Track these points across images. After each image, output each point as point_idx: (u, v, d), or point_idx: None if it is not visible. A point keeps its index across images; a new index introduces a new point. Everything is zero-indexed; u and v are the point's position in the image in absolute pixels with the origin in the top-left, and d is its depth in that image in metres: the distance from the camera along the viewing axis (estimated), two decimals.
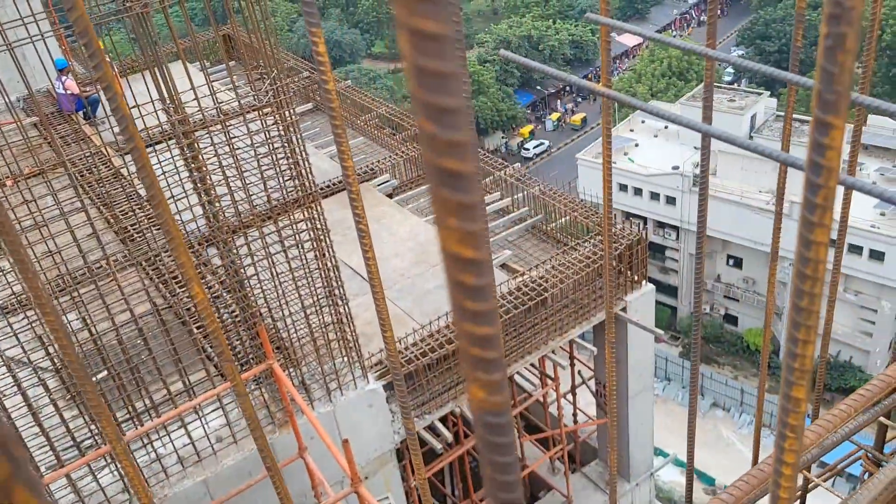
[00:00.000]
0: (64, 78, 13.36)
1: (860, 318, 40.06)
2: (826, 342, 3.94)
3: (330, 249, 7.92)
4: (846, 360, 40.79)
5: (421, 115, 0.37)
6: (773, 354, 43.73)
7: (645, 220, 43.79)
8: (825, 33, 0.62)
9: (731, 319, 45.66)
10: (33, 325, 6.73)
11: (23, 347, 6.59)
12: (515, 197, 13.11)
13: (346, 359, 8.59)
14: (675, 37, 71.03)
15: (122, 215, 10.26)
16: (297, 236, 7.64)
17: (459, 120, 0.37)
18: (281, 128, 7.25)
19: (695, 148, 40.15)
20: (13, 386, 6.46)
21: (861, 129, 3.86)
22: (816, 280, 0.73)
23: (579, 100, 72.57)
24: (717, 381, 40.90)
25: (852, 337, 40.43)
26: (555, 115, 70.17)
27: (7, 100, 6.46)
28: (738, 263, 43.77)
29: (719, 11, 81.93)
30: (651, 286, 11.41)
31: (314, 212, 7.66)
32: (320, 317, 8.09)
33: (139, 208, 10.24)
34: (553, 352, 10.98)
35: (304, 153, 7.47)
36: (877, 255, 36.88)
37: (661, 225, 45.10)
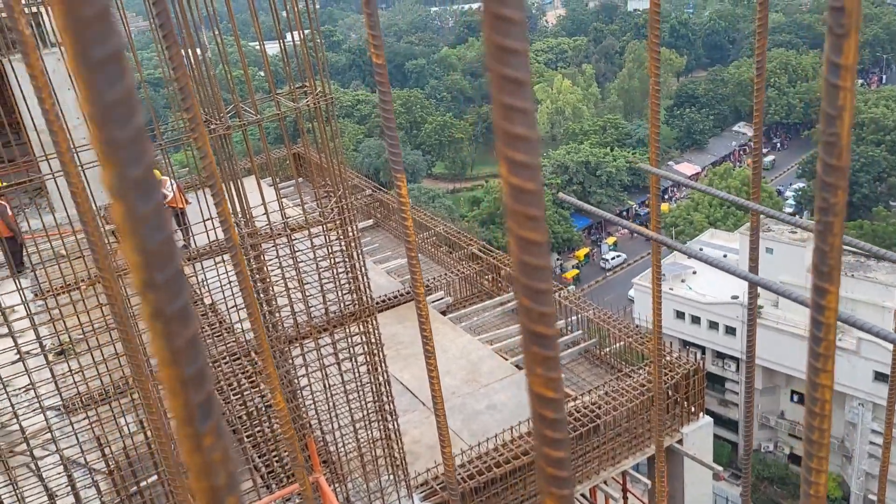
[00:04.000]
0: None
1: None
2: (883, 484, 3.77)
3: (383, 364, 7.99)
4: None
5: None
6: (843, 501, 41.01)
7: (703, 349, 42.71)
8: (817, 220, 0.72)
9: (797, 459, 43.30)
10: (93, 425, 6.89)
11: (81, 447, 6.73)
12: (569, 319, 13.08)
13: (391, 476, 8.46)
14: (733, 168, 71.60)
15: None
16: (351, 349, 7.75)
17: (543, 251, 0.49)
18: (343, 243, 7.52)
19: None
20: (67, 486, 6.56)
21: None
22: (824, 417, 0.79)
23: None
24: None
25: None
26: (611, 240, 70.48)
27: (94, 207, 6.90)
28: (803, 400, 41.96)
29: (779, 145, 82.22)
30: (709, 419, 11.05)
31: (370, 325, 7.79)
32: (369, 432, 8.06)
33: (202, 316, 10.56)
34: (605, 483, 10.59)
35: (363, 268, 7.70)
36: None
37: (720, 355, 43.88)
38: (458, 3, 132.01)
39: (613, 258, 68.14)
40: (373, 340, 7.86)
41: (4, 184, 11.26)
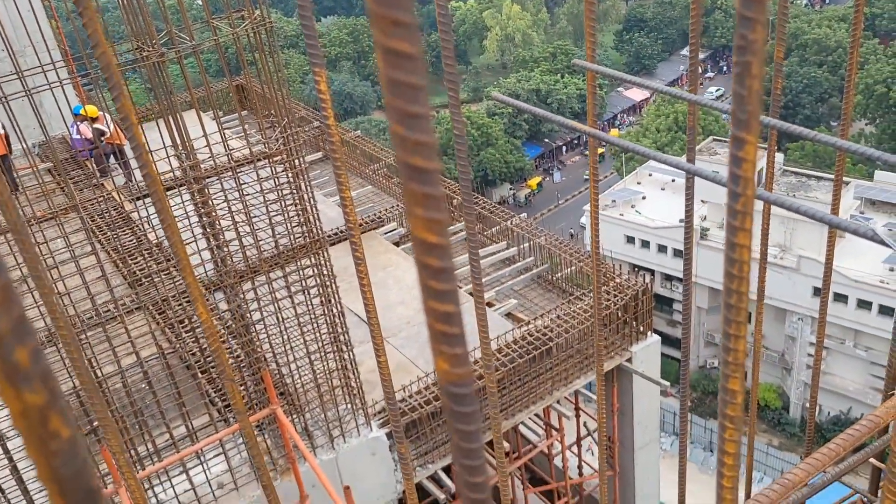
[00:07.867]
0: (79, 123, 13.65)
1: (871, 374, 39.62)
2: (816, 382, 3.96)
3: (336, 295, 7.98)
4: (857, 417, 40.20)
5: (393, 121, 0.45)
6: (783, 411, 43.13)
7: (653, 272, 43.73)
8: (735, 61, 0.70)
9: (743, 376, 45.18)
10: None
11: None
12: (522, 247, 13.20)
13: (349, 406, 8.57)
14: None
15: (132, 260, 10.37)
16: (303, 282, 7.71)
17: (424, 124, 0.45)
18: (290, 175, 7.39)
19: (702, 202, 40.30)
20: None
21: (774, 150, 4.02)
22: (742, 279, 0.80)
23: (587, 153, 73.34)
24: None
25: (863, 393, 39.91)
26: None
27: (24, 146, 6.63)
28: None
29: (726, 69, 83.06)
30: (657, 337, 11.39)
31: (321, 258, 7.74)
32: (325, 363, 8.11)
33: (148, 253, 10.36)
34: (558, 402, 10.91)
35: (312, 200, 7.59)
36: (886, 311, 36.64)
37: (668, 278, 45.05)
38: None
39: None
40: (325, 272, 7.83)
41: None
